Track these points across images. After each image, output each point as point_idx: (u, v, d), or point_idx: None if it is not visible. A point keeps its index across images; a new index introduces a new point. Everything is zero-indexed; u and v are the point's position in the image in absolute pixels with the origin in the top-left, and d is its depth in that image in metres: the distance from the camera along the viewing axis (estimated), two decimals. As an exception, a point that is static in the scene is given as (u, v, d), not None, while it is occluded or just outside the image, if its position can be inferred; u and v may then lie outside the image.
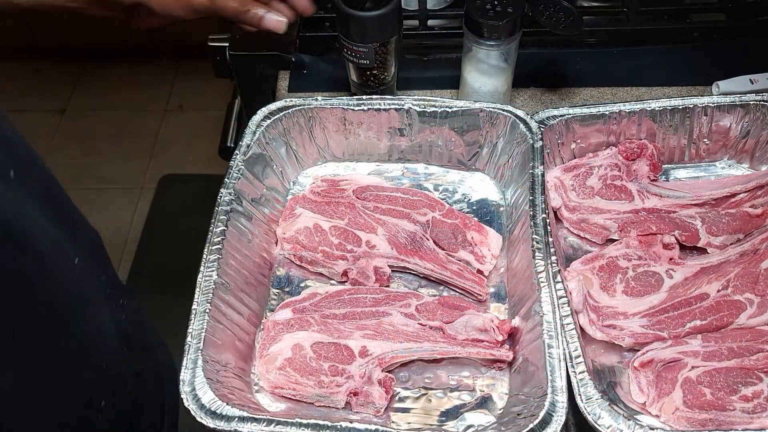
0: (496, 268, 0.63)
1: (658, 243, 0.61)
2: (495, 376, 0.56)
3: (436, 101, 0.66)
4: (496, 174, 0.69)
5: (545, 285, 0.54)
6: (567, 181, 0.66)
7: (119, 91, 1.95)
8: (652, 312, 0.57)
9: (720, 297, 0.57)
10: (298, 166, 0.70)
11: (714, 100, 0.65)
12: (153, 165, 1.77)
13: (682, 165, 0.69)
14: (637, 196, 0.65)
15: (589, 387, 0.50)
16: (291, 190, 0.69)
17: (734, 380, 0.52)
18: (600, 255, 0.61)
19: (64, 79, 1.99)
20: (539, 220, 0.58)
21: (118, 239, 1.60)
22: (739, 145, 0.67)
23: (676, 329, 0.56)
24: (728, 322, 0.56)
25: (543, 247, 0.56)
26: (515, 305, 0.59)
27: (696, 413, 0.51)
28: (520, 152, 0.64)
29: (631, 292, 0.58)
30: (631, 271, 0.59)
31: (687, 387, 0.52)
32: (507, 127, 0.65)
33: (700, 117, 0.66)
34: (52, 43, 1.97)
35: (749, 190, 0.64)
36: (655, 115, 0.65)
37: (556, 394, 0.49)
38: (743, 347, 0.54)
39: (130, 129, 1.87)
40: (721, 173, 0.68)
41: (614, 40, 0.80)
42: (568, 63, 0.78)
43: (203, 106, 1.86)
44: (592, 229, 0.64)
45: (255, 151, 0.64)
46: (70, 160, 1.78)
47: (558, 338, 0.51)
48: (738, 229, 0.62)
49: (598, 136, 0.67)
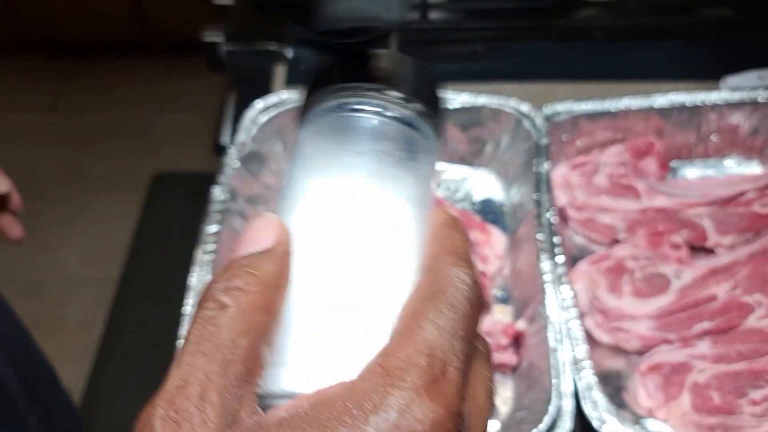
0: (499, 269, 0.62)
1: (665, 243, 0.60)
2: (499, 380, 0.55)
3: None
4: (500, 171, 0.68)
5: (550, 287, 0.53)
6: (573, 179, 0.65)
7: (111, 87, 1.93)
8: (660, 314, 0.56)
9: (729, 298, 0.56)
10: (295, 163, 0.69)
11: (723, 96, 0.65)
12: (146, 162, 1.75)
13: (690, 162, 0.68)
14: (644, 195, 0.64)
15: (595, 392, 0.49)
16: (287, 188, 0.68)
17: (743, 384, 0.52)
18: (607, 255, 0.60)
19: (55, 75, 1.97)
20: (544, 219, 0.57)
21: (110, 238, 1.58)
22: (748, 141, 0.67)
23: (684, 331, 0.55)
24: (737, 324, 0.55)
25: (548, 247, 0.55)
26: (520, 307, 0.58)
27: (704, 417, 0.50)
28: (525, 149, 0.63)
29: (639, 294, 0.58)
30: (638, 272, 0.59)
31: (695, 391, 0.52)
32: (511, 124, 0.64)
33: (708, 113, 0.65)
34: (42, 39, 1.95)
35: (759, 189, 0.63)
36: (662, 112, 0.65)
37: (561, 399, 0.48)
38: (752, 350, 0.53)
39: (123, 126, 1.85)
40: (730, 170, 0.68)
41: (621, 35, 0.79)
42: (574, 57, 0.77)
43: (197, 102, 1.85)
44: (599, 228, 0.63)
45: (250, 148, 0.63)
46: (61, 158, 1.76)
47: (563, 342, 0.51)
48: (747, 228, 0.62)
49: (604, 132, 0.66)
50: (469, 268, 0.21)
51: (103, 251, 1.55)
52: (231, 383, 0.18)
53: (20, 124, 1.84)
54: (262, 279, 0.20)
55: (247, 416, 0.18)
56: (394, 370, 0.19)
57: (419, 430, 0.18)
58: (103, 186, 1.71)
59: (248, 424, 0.18)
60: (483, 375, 0.22)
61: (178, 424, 0.18)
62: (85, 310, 1.44)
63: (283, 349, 0.20)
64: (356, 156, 0.23)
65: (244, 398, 0.18)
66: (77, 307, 1.44)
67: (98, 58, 1.96)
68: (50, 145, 1.80)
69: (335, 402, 0.18)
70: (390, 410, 0.18)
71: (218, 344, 0.19)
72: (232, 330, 0.19)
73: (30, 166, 1.67)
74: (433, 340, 0.19)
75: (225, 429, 0.18)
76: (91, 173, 1.74)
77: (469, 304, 0.21)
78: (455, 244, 0.22)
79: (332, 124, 0.24)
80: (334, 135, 0.23)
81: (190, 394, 0.18)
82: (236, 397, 0.18)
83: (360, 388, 0.18)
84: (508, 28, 0.79)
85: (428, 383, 0.19)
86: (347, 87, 0.24)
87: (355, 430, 0.18)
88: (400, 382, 0.18)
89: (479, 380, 0.22)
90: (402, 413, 0.18)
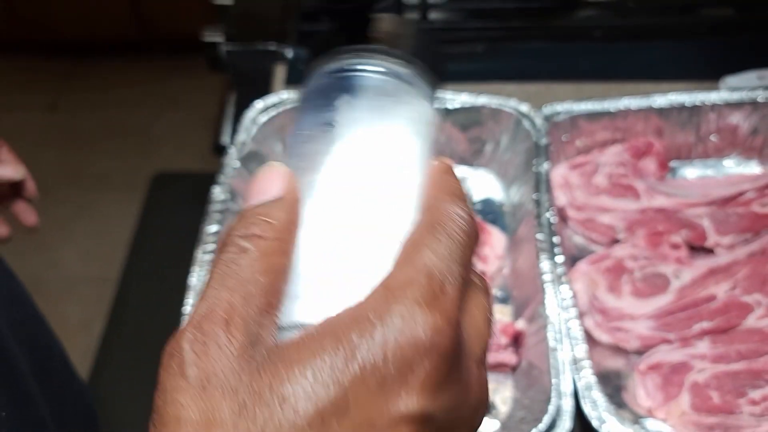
0: (499, 269, 0.62)
1: (665, 243, 0.60)
2: (498, 380, 0.55)
3: (438, 96, 0.65)
4: (500, 171, 0.67)
5: (550, 286, 0.53)
6: (572, 179, 0.65)
7: (111, 87, 1.93)
8: (659, 314, 0.56)
9: (728, 298, 0.56)
10: (295, 163, 0.69)
11: (722, 96, 0.65)
12: (146, 162, 1.75)
13: (690, 162, 0.68)
14: (644, 195, 0.64)
15: (594, 391, 0.49)
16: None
17: (742, 383, 0.52)
18: (606, 255, 0.60)
19: (55, 75, 1.97)
20: (544, 219, 0.57)
21: (110, 237, 1.58)
22: (747, 141, 0.67)
23: (684, 331, 0.55)
24: (736, 324, 0.55)
25: (548, 247, 0.55)
26: (519, 307, 0.58)
27: (703, 417, 0.51)
28: (525, 149, 0.63)
29: (638, 294, 0.58)
30: (637, 272, 0.59)
31: (694, 390, 0.52)
32: (511, 124, 0.64)
33: (707, 113, 0.65)
34: (42, 38, 1.94)
35: (758, 189, 0.63)
36: (662, 112, 0.65)
37: (560, 399, 0.48)
38: (751, 349, 0.53)
39: (122, 125, 1.85)
40: (729, 170, 0.68)
41: (620, 35, 0.79)
42: (573, 57, 0.77)
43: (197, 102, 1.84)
44: (599, 228, 0.63)
45: (250, 148, 0.63)
46: (61, 158, 1.76)
47: (563, 341, 0.51)
48: (746, 228, 0.61)
49: (604, 132, 0.66)
50: (464, 205, 0.23)
51: (103, 250, 1.55)
52: (253, 312, 0.20)
53: (20, 123, 1.83)
54: (276, 226, 0.21)
55: (268, 338, 0.20)
56: (396, 288, 0.20)
57: (421, 337, 0.19)
58: (103, 185, 1.71)
59: (270, 343, 0.20)
60: (480, 302, 0.23)
61: (206, 344, 0.19)
62: (85, 309, 1.44)
63: (296, 285, 0.22)
64: (359, 110, 0.24)
65: (265, 326, 0.20)
66: (77, 306, 1.44)
67: (98, 57, 1.96)
68: (50, 144, 1.80)
69: (343, 319, 0.20)
70: (394, 320, 0.19)
71: (240, 280, 0.20)
72: (253, 269, 0.20)
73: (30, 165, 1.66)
74: (432, 263, 0.21)
75: (248, 347, 0.19)
76: (91, 173, 1.74)
77: (465, 235, 0.22)
78: (452, 186, 0.24)
79: (335, 83, 0.25)
80: (336, 93, 0.24)
81: (216, 319, 0.20)
82: (258, 324, 0.20)
83: (365, 306, 0.20)
84: (508, 28, 0.79)
85: (428, 298, 0.20)
86: (350, 49, 0.25)
87: (363, 340, 0.19)
88: (402, 297, 0.20)
89: (476, 306, 0.23)
90: (405, 322, 0.19)
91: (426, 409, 0.19)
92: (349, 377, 0.19)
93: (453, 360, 0.20)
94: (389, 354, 0.19)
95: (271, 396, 0.18)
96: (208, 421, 0.18)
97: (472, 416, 0.22)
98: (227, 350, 0.19)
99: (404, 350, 0.19)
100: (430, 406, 0.20)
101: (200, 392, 0.19)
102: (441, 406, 0.20)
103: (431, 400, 0.20)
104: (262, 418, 0.18)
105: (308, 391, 0.18)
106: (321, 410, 0.18)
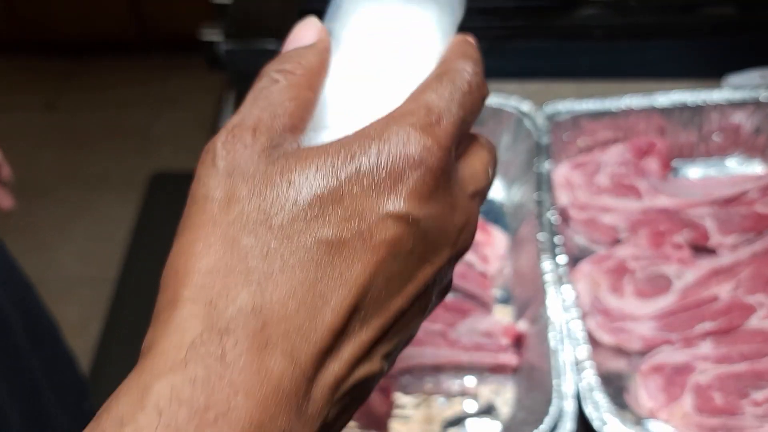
0: (500, 269, 0.61)
1: (667, 243, 0.60)
2: (500, 381, 0.55)
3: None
4: (501, 171, 0.67)
5: (552, 287, 0.53)
6: (574, 179, 0.65)
7: (109, 86, 1.93)
8: (662, 314, 0.56)
9: (731, 299, 0.56)
10: (294, 162, 0.68)
11: (725, 95, 0.65)
12: (144, 162, 1.75)
13: (692, 161, 0.68)
14: (646, 195, 0.64)
15: (596, 393, 0.49)
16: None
17: (745, 384, 0.51)
18: (608, 256, 0.60)
19: (53, 74, 1.96)
20: (546, 219, 0.57)
21: (108, 237, 1.58)
22: (750, 141, 0.67)
23: (686, 332, 0.55)
24: (739, 325, 0.55)
25: (549, 247, 0.55)
26: (521, 308, 0.57)
27: (706, 418, 0.50)
28: (526, 148, 0.63)
29: (640, 294, 0.57)
30: (640, 273, 0.58)
31: (697, 392, 0.51)
32: (512, 123, 0.64)
33: (710, 113, 0.65)
34: (40, 38, 1.94)
35: (761, 189, 0.63)
36: (664, 111, 0.65)
37: (562, 400, 0.48)
38: (754, 350, 0.53)
39: (121, 125, 1.84)
40: (732, 170, 0.67)
41: (622, 33, 0.79)
42: (575, 56, 0.77)
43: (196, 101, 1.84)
44: (600, 228, 0.63)
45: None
46: (60, 158, 1.76)
47: (565, 342, 0.50)
48: (749, 228, 0.61)
49: (606, 131, 0.66)
50: (475, 64, 0.26)
51: (101, 250, 1.55)
52: (278, 127, 0.24)
53: (18, 123, 1.83)
54: (306, 65, 0.25)
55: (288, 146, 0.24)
56: (397, 115, 0.24)
57: (412, 153, 0.23)
58: (102, 185, 1.71)
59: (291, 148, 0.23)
60: (482, 156, 0.26)
61: (234, 143, 0.23)
62: (83, 309, 1.43)
63: (323, 119, 0.26)
64: None
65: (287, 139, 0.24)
66: (75, 306, 1.44)
67: (97, 57, 1.96)
68: (48, 144, 1.80)
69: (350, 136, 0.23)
70: (391, 137, 0.23)
71: (270, 102, 0.24)
72: (282, 95, 0.24)
73: (28, 165, 1.66)
74: (432, 101, 0.24)
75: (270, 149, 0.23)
76: (90, 172, 1.74)
77: (469, 85, 0.25)
78: (469, 52, 0.27)
79: None
80: None
81: (245, 126, 0.24)
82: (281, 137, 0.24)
83: (369, 127, 0.23)
84: (509, 27, 0.79)
85: (423, 124, 0.23)
86: None
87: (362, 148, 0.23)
88: (401, 122, 0.23)
89: (478, 157, 0.26)
90: (400, 138, 0.23)
91: (411, 212, 0.22)
92: (345, 174, 0.22)
93: (440, 178, 0.23)
94: (382, 161, 0.22)
95: (280, 181, 0.22)
96: (229, 198, 0.22)
97: (455, 235, 0.24)
98: (251, 148, 0.23)
99: (396, 161, 0.22)
100: (415, 211, 0.22)
101: (226, 178, 0.23)
102: (425, 214, 0.23)
103: (416, 207, 0.23)
104: (271, 197, 0.22)
105: (310, 179, 0.22)
106: (319, 195, 0.22)
